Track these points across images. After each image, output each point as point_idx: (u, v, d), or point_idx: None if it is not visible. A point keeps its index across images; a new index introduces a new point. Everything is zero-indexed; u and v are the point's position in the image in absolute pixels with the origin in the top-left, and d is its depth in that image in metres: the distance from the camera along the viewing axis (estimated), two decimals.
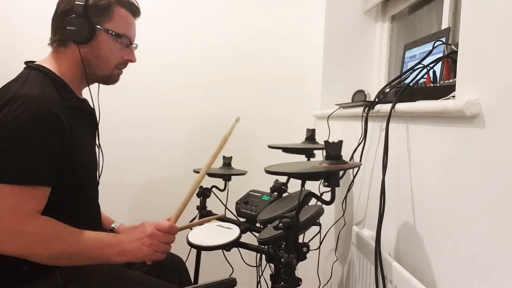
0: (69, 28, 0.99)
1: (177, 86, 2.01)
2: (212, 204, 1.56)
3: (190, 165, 1.63)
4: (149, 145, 2.01)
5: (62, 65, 1.04)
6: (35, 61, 1.04)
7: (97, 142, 1.17)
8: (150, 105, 2.00)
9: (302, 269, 1.59)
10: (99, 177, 1.17)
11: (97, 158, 1.14)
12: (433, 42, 1.07)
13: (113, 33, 1.05)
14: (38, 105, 0.89)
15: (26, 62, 1.04)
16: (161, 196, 2.02)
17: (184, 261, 1.37)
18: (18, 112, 0.87)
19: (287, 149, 1.50)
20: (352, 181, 1.35)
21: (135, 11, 1.11)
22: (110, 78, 1.12)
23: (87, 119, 1.12)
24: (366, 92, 1.76)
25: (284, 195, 1.45)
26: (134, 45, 1.15)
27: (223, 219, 1.38)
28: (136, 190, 1.99)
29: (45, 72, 1.00)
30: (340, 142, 0.93)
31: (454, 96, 0.82)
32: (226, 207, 1.55)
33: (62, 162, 0.93)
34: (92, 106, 1.15)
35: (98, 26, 1.03)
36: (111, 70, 1.10)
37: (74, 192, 1.00)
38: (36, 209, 0.89)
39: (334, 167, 0.91)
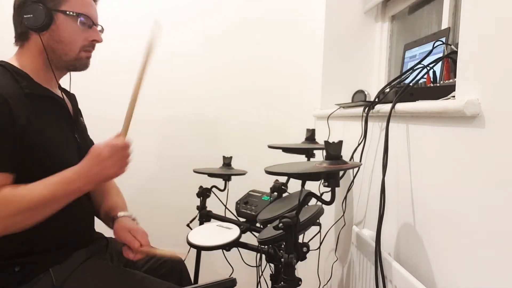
0: (26, 16, 0.98)
1: (177, 85, 2.01)
2: (212, 204, 1.56)
3: (190, 165, 1.63)
4: (148, 144, 2.01)
5: (24, 58, 1.03)
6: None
7: (84, 136, 1.16)
8: (150, 104, 2.00)
9: (302, 269, 1.59)
10: None
11: (78, 150, 1.11)
12: (433, 42, 1.07)
13: (71, 13, 1.03)
14: None
15: None
16: (160, 195, 2.03)
17: (184, 261, 1.37)
18: None
19: (287, 149, 1.50)
20: (352, 181, 1.35)
21: None
22: (79, 62, 1.08)
23: (54, 107, 1.08)
24: (366, 92, 1.77)
25: (284, 195, 1.46)
26: (99, 28, 1.13)
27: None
28: (134, 190, 1.99)
29: (2, 65, 0.99)
30: (340, 142, 0.93)
31: (454, 96, 0.82)
32: (226, 207, 1.55)
33: (23, 151, 0.92)
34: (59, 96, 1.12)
35: (55, 9, 1.01)
36: (77, 53, 1.07)
37: None
38: None
39: (334, 167, 0.91)
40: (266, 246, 1.23)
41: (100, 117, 1.73)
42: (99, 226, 1.24)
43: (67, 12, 1.03)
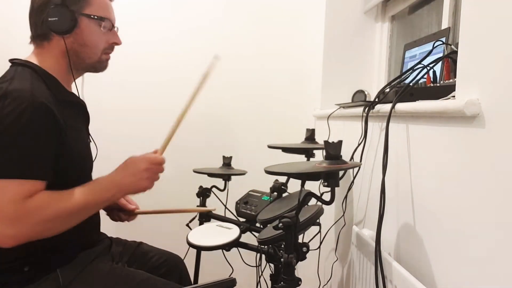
0: (50, 19, 0.98)
1: (176, 85, 2.01)
2: (212, 204, 1.56)
3: (190, 165, 1.63)
4: (147, 144, 2.00)
5: (47, 60, 1.02)
6: (19, 59, 1.03)
7: (90, 137, 1.17)
8: (149, 104, 2.00)
9: (302, 269, 1.59)
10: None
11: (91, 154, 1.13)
12: (433, 42, 1.07)
13: (95, 17, 1.04)
14: (30, 100, 0.88)
15: (11, 60, 1.02)
16: (160, 195, 2.02)
17: (184, 261, 1.37)
18: (11, 108, 0.86)
19: (287, 149, 1.50)
20: (352, 181, 1.35)
21: None
22: (100, 64, 1.10)
23: (79, 113, 1.11)
24: (366, 92, 1.76)
25: (284, 195, 1.45)
26: (115, 28, 1.13)
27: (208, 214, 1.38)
28: None
29: (32, 67, 0.98)
30: (340, 142, 0.93)
31: (454, 96, 0.82)
32: (226, 207, 1.55)
33: (58, 157, 0.93)
34: (82, 100, 1.14)
35: (79, 13, 1.01)
36: (100, 56, 1.08)
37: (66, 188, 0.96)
38: (29, 194, 0.88)
39: (334, 167, 0.91)
40: (266, 246, 1.23)
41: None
42: (102, 226, 1.24)
43: (92, 16, 1.03)
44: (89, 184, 0.97)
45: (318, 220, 1.21)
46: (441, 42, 1.08)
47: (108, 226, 1.28)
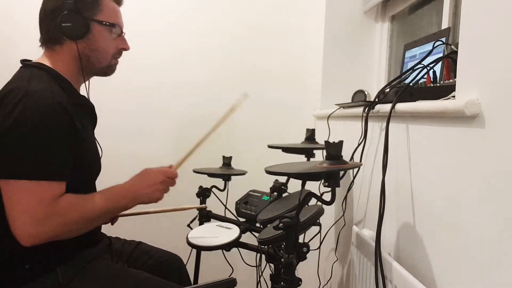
0: (64, 25, 1.01)
1: (177, 85, 2.01)
2: (212, 204, 1.56)
3: (190, 165, 1.63)
4: (148, 143, 2.01)
5: (59, 63, 1.05)
6: (30, 60, 1.05)
7: (97, 139, 1.18)
8: (150, 104, 2.00)
9: (302, 269, 1.59)
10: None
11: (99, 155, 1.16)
12: (433, 42, 1.07)
13: (107, 23, 1.06)
14: (51, 101, 0.91)
15: (22, 61, 1.05)
16: None
17: (184, 261, 1.37)
18: (34, 109, 0.88)
19: (287, 149, 1.50)
20: (352, 181, 1.35)
21: (119, 0, 1.13)
22: (110, 68, 1.13)
23: (88, 115, 1.14)
24: (366, 92, 1.76)
25: (284, 195, 1.45)
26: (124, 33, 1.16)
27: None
28: None
29: (46, 70, 1.01)
30: (341, 142, 0.93)
31: (454, 96, 0.82)
32: (226, 207, 1.55)
33: (76, 158, 0.96)
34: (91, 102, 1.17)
35: (91, 19, 1.04)
36: (109, 61, 1.11)
37: (75, 191, 0.98)
38: (57, 195, 0.92)
39: (335, 167, 0.91)
40: (266, 246, 1.23)
41: None
42: (102, 226, 1.24)
43: (103, 23, 1.06)
44: (106, 190, 1.01)
45: (318, 220, 1.21)
46: (441, 42, 1.08)
47: (108, 226, 1.28)
